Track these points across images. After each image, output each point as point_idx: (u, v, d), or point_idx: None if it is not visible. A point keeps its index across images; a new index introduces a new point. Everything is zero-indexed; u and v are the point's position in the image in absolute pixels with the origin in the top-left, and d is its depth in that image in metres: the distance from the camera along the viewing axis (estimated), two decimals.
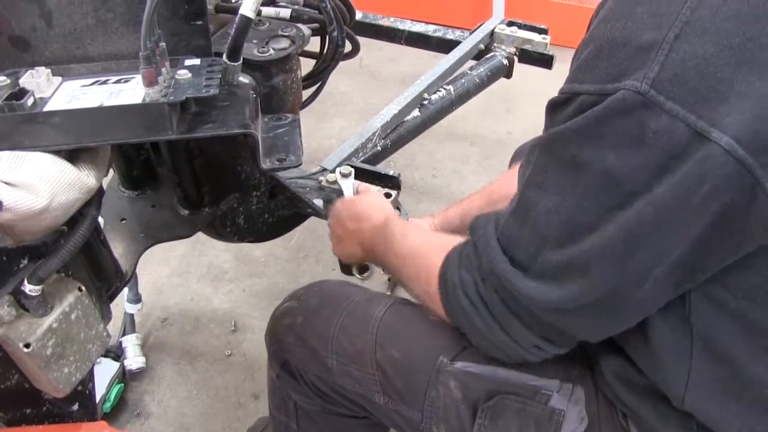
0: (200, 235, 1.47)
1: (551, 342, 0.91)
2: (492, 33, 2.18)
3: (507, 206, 0.90)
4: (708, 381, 0.84)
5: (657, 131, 0.68)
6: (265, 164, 0.97)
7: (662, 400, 0.91)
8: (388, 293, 2.20)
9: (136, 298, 1.98)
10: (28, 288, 0.84)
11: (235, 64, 0.95)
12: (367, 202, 1.28)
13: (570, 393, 0.99)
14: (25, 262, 0.86)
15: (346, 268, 1.45)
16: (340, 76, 1.40)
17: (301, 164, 0.99)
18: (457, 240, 1.01)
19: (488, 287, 0.90)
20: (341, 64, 1.32)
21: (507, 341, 0.92)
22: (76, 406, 1.03)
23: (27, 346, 0.84)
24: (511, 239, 0.87)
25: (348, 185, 1.38)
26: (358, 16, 2.28)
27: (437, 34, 2.26)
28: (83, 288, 0.93)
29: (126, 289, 1.95)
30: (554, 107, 0.80)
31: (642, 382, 0.93)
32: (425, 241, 1.11)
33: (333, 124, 3.06)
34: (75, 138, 0.84)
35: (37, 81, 0.87)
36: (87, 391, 1.05)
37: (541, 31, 2.17)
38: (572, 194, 0.78)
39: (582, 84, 0.75)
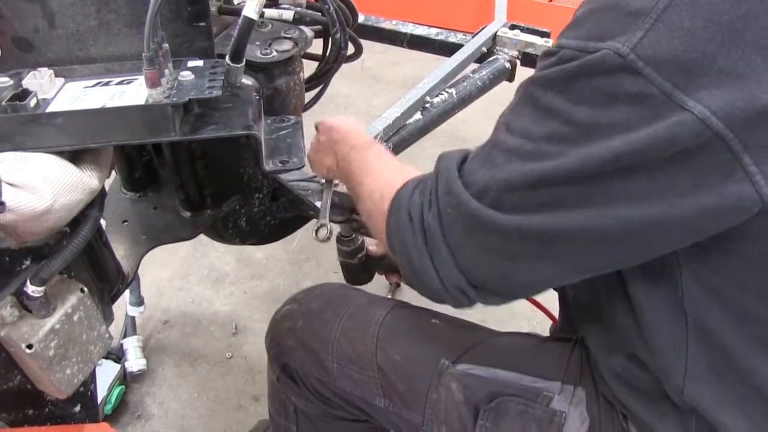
0: (202, 238, 1.46)
1: (473, 287, 0.89)
2: (494, 36, 2.18)
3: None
4: (705, 370, 0.84)
5: (631, 94, 0.70)
6: (268, 166, 0.97)
7: (661, 400, 0.91)
8: (389, 296, 2.19)
9: (139, 301, 1.99)
10: (31, 289, 0.84)
11: (238, 65, 0.95)
12: (360, 126, 1.24)
13: (571, 395, 0.99)
14: (28, 263, 0.86)
15: (351, 279, 1.45)
16: (342, 79, 1.40)
17: (303, 166, 0.99)
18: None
19: (434, 213, 0.89)
20: (343, 66, 1.32)
21: (431, 271, 0.90)
22: (78, 408, 1.03)
23: (29, 347, 0.84)
24: (472, 172, 0.87)
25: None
26: (360, 19, 2.28)
27: (439, 37, 2.26)
28: (85, 289, 0.93)
29: (128, 292, 1.95)
30: (543, 56, 0.81)
31: (642, 382, 0.93)
32: (395, 167, 1.09)
33: None
34: (78, 139, 0.84)
35: (40, 82, 0.87)
36: (89, 393, 1.05)
37: (544, 35, 2.17)
38: (535, 138, 0.79)
39: (569, 39, 0.77)
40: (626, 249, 0.79)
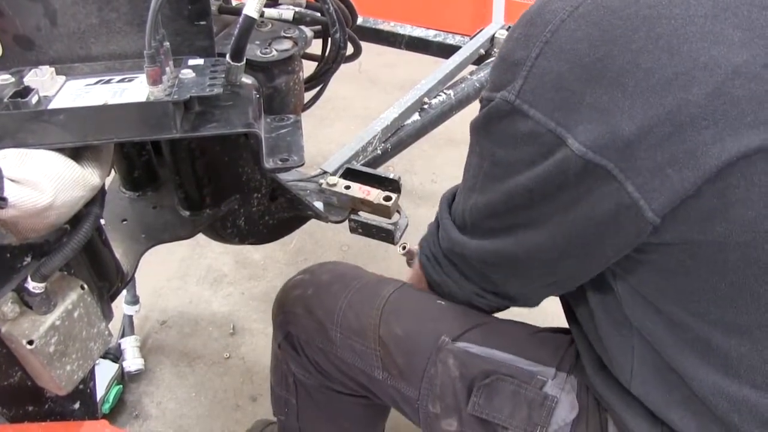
0: (200, 239, 1.47)
1: (489, 292, 1.08)
2: (492, 38, 2.19)
3: None
4: (650, 370, 0.90)
5: (526, 133, 0.81)
6: (268, 164, 0.98)
7: (629, 393, 0.94)
8: None
9: (134, 300, 1.99)
10: (32, 285, 0.84)
11: (239, 64, 0.95)
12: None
13: (564, 381, 1.02)
14: (29, 259, 0.87)
15: None
16: (339, 81, 1.40)
17: (303, 164, 0.99)
18: None
19: (436, 245, 1.11)
20: (341, 69, 1.32)
21: (453, 287, 1.12)
22: (77, 405, 1.03)
23: (30, 342, 0.85)
24: (454, 206, 1.07)
25: None
26: (359, 20, 2.29)
27: (437, 39, 2.27)
28: (86, 286, 0.93)
29: (124, 291, 1.95)
30: (480, 103, 0.94)
31: (610, 376, 0.97)
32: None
33: (333, 129, 3.07)
34: (79, 136, 0.85)
35: (42, 80, 0.88)
36: (88, 390, 1.06)
37: None
38: (478, 176, 0.95)
39: (484, 91, 0.90)
40: (563, 266, 0.93)
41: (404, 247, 1.38)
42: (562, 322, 1.11)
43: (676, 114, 0.71)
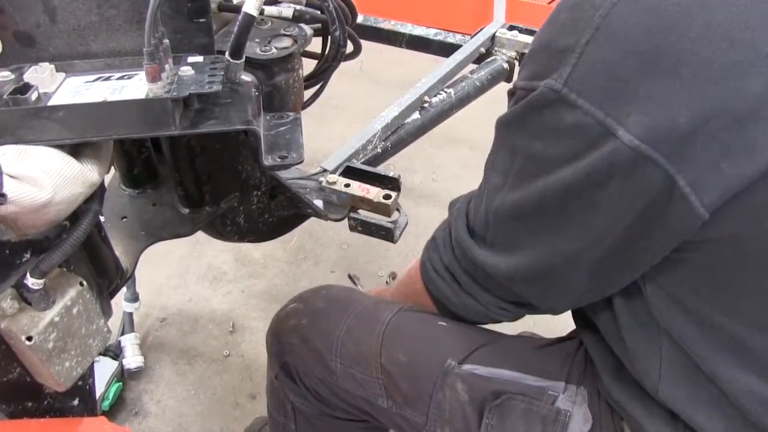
0: (200, 237, 1.47)
1: (514, 304, 1.02)
2: (493, 37, 2.18)
3: None
4: (678, 371, 0.87)
5: (571, 124, 0.76)
6: (267, 161, 0.98)
7: (650, 399, 0.92)
8: (387, 282, 2.21)
9: (134, 297, 1.99)
10: (31, 281, 0.84)
11: (238, 61, 0.95)
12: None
13: (575, 394, 1.00)
14: (28, 256, 0.87)
15: None
16: (340, 79, 1.41)
17: (302, 161, 0.99)
18: None
19: (451, 258, 1.04)
20: (342, 67, 1.33)
21: (474, 304, 1.05)
22: (76, 401, 1.03)
23: (29, 338, 0.85)
24: (473, 212, 1.00)
25: None
26: (359, 19, 2.29)
27: (438, 37, 2.27)
28: (85, 283, 0.93)
29: (124, 288, 1.95)
30: (508, 96, 0.90)
31: (630, 381, 0.94)
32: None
33: (333, 128, 3.07)
34: (78, 133, 0.85)
35: (41, 76, 0.88)
36: (87, 387, 1.06)
37: None
38: (509, 174, 0.89)
39: (519, 80, 0.85)
40: (603, 270, 0.87)
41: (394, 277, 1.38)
42: (564, 325, 1.10)
43: (734, 105, 0.69)
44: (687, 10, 0.70)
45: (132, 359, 1.97)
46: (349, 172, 1.48)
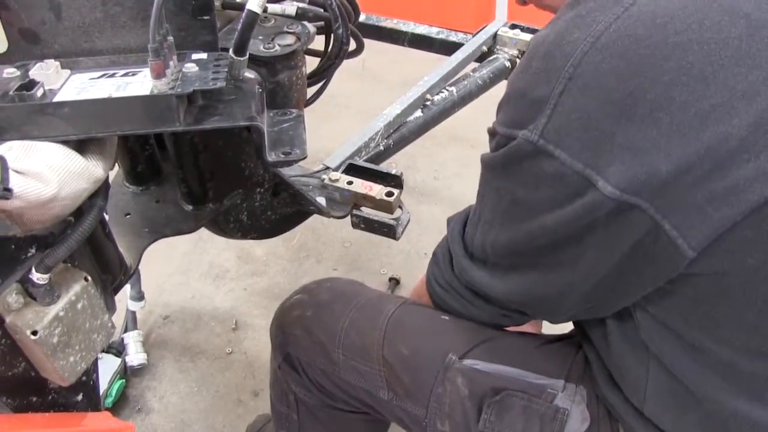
0: (202, 234, 1.47)
1: (515, 311, 1.05)
2: (495, 35, 2.19)
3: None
4: (665, 393, 0.88)
5: (551, 174, 0.76)
6: (271, 157, 0.98)
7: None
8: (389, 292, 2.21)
9: (139, 296, 2.00)
10: (36, 276, 0.85)
11: (242, 58, 0.96)
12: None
13: (574, 393, 1.01)
14: (33, 251, 0.87)
15: None
16: (343, 78, 1.41)
17: (306, 157, 0.99)
18: None
19: (451, 276, 1.08)
20: (344, 66, 1.33)
21: (481, 314, 1.09)
22: (80, 397, 1.04)
23: (34, 333, 0.85)
24: (470, 239, 1.02)
25: None
26: (362, 18, 2.29)
27: (440, 36, 2.27)
28: (89, 278, 0.93)
29: (129, 287, 1.96)
30: (489, 135, 0.89)
31: (623, 392, 0.95)
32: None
33: (335, 125, 3.07)
34: (83, 128, 0.85)
35: (47, 73, 0.88)
36: (91, 382, 1.06)
37: None
38: (497, 213, 0.92)
39: (498, 125, 0.85)
40: (596, 297, 0.88)
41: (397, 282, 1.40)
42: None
43: (715, 149, 0.67)
44: (659, 52, 0.69)
45: (135, 356, 1.98)
46: (352, 170, 1.48)
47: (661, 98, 0.68)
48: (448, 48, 2.21)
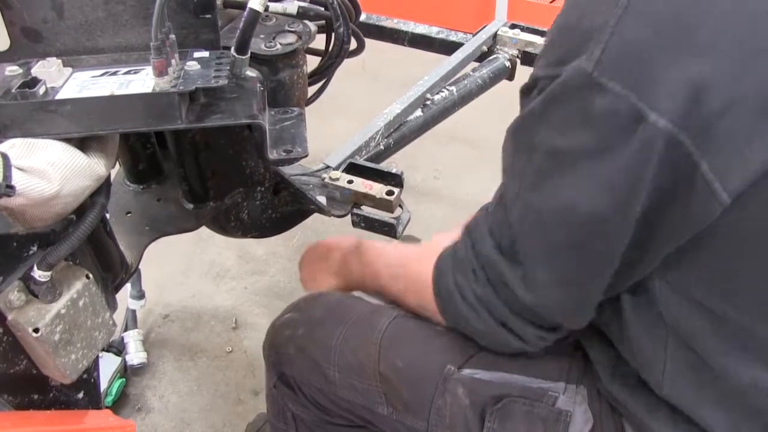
0: (202, 233, 1.47)
1: (552, 330, 0.95)
2: (495, 35, 2.19)
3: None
4: (683, 369, 0.86)
5: (601, 110, 0.72)
6: (272, 155, 0.99)
7: (650, 395, 0.92)
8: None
9: (140, 294, 2.00)
10: (38, 274, 0.85)
11: (243, 57, 0.96)
12: (330, 239, 1.32)
13: (575, 394, 1.00)
14: (35, 248, 0.88)
15: None
16: (343, 78, 1.41)
17: (307, 155, 1.00)
18: (439, 245, 1.03)
19: (484, 285, 0.93)
20: (345, 66, 1.33)
21: (510, 338, 0.96)
22: (81, 395, 1.04)
23: (36, 330, 0.85)
24: (496, 226, 0.92)
25: None
26: (362, 17, 2.29)
27: (440, 36, 2.27)
28: (90, 276, 0.94)
29: (129, 285, 1.96)
30: (523, 93, 0.85)
31: (630, 378, 0.94)
32: (405, 253, 1.15)
33: (336, 125, 3.07)
34: (85, 126, 0.86)
35: (49, 71, 0.89)
36: (92, 380, 1.06)
37: (544, 34, 2.18)
38: (526, 174, 0.83)
39: (540, 69, 0.80)
40: (625, 274, 0.83)
41: None
42: None
43: (763, 91, 0.66)
44: None
45: (135, 355, 1.98)
46: (352, 169, 1.48)
47: (716, 32, 0.67)
48: (448, 48, 2.21)
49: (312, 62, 1.30)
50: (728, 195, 0.70)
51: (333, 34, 1.25)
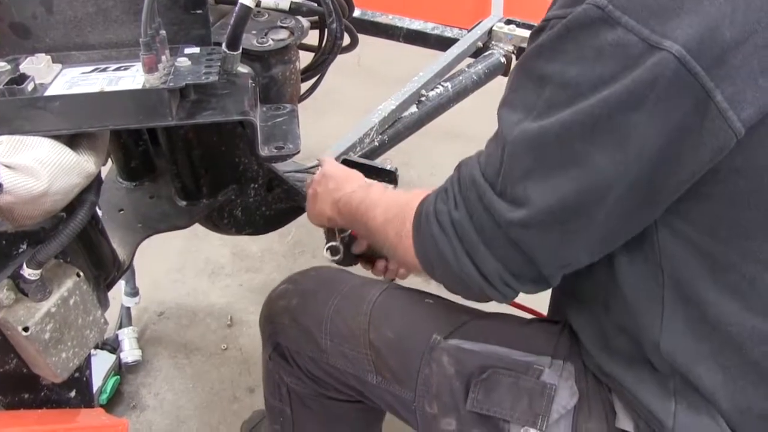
0: (198, 231, 1.47)
1: (516, 277, 0.91)
2: (490, 31, 2.19)
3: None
4: (680, 324, 0.87)
5: (613, 43, 0.73)
6: (264, 152, 0.98)
7: (641, 364, 0.93)
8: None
9: (134, 292, 1.99)
10: (27, 272, 0.84)
11: (235, 53, 0.95)
12: (353, 173, 1.28)
13: (561, 368, 1.01)
14: (24, 246, 0.87)
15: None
16: (337, 73, 1.41)
17: (299, 152, 0.99)
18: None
19: (461, 210, 0.91)
20: (339, 61, 1.33)
21: (473, 272, 0.91)
22: (73, 393, 1.03)
23: (26, 329, 0.85)
24: (487, 157, 0.90)
25: None
26: (357, 13, 2.29)
27: (435, 31, 2.27)
28: (81, 274, 0.93)
29: (123, 282, 1.95)
30: (534, 34, 0.86)
31: (621, 348, 0.95)
32: (402, 193, 1.12)
33: (330, 122, 3.07)
34: (75, 123, 0.85)
35: (38, 67, 0.88)
36: (84, 379, 1.06)
37: None
38: (534, 106, 0.82)
39: (553, 11, 0.82)
40: (629, 214, 0.82)
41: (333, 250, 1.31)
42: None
43: None
44: None
45: (129, 353, 1.97)
46: (347, 165, 1.47)
47: None
48: (443, 43, 2.21)
49: (305, 58, 1.29)
50: (742, 124, 0.71)
51: (326, 30, 1.24)
